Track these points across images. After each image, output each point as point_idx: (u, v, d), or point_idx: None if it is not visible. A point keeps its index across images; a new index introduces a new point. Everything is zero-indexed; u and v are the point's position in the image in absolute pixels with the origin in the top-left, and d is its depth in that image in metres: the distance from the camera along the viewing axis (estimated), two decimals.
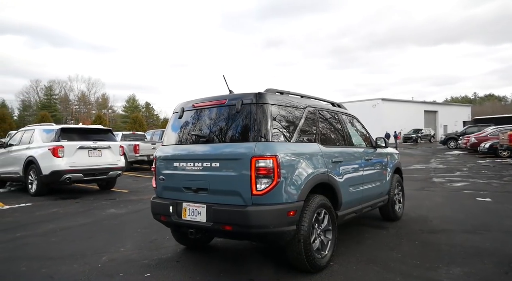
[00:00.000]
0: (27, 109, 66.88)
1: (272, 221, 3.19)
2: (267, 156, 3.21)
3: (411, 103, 46.00)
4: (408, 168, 14.99)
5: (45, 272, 3.70)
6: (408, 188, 9.28)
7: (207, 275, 3.58)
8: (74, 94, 67.55)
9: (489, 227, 5.29)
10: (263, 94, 3.55)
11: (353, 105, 43.44)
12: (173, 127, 4.09)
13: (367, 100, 42.95)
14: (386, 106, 41.18)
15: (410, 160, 19.11)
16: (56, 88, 67.04)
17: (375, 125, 39.73)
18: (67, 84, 67.07)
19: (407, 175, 12.39)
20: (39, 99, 66.62)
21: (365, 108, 41.59)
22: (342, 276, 3.50)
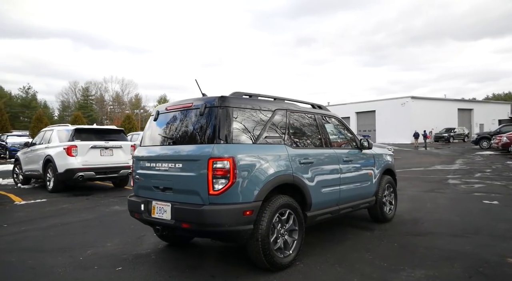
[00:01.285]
0: (66, 109, 70.53)
1: (227, 220, 3.32)
2: (224, 157, 3.34)
3: (444, 101, 44.23)
4: (427, 169, 14.57)
5: (30, 263, 4.03)
6: (417, 190, 9.11)
7: (173, 270, 3.76)
8: (109, 95, 70.47)
9: (480, 230, 5.13)
10: (225, 97, 3.68)
11: (381, 103, 42.52)
12: (149, 129, 4.31)
13: (396, 98, 41.77)
14: (416, 105, 39.86)
15: (434, 160, 18.51)
16: (92, 89, 70.27)
17: (404, 124, 38.70)
18: (102, 85, 70.09)
19: (423, 176, 12.13)
20: (77, 100, 70.03)
21: (393, 106, 40.56)
22: (301, 275, 3.57)
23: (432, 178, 11.58)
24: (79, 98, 69.72)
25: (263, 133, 3.82)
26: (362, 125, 44.60)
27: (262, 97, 4.20)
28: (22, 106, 64.56)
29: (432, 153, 23.99)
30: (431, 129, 39.21)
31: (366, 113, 44.02)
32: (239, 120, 3.66)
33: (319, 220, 4.35)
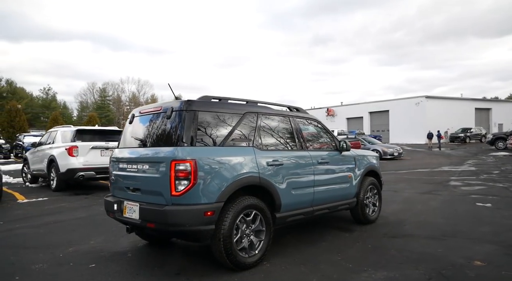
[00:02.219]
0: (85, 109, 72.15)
1: (188, 220, 3.45)
2: (186, 160, 3.47)
3: (460, 101, 43.21)
4: (433, 170, 14.37)
5: (12, 259, 4.25)
6: (413, 191, 9.03)
7: (142, 268, 3.92)
8: (126, 95, 71.75)
9: (459, 233, 5.10)
10: (191, 101, 3.81)
11: (395, 103, 41.87)
12: (125, 132, 4.48)
13: (409, 98, 41.08)
14: (431, 104, 39.09)
15: (443, 161, 18.20)
16: (109, 90, 71.71)
17: (418, 124, 38.04)
18: (119, 86, 71.39)
19: (425, 178, 11.98)
20: (94, 100, 71.62)
21: (407, 106, 39.91)
22: (263, 275, 3.66)
23: (434, 180, 11.43)
24: (96, 99, 71.28)
25: (230, 136, 3.93)
26: (376, 125, 44.04)
27: (233, 100, 4.31)
28: (43, 107, 66.47)
29: (444, 154, 23.54)
30: (446, 129, 38.40)
31: (379, 113, 43.45)
32: (205, 124, 3.78)
33: (290, 221, 4.42)
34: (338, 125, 43.83)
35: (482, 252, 4.26)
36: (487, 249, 4.37)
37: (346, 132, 31.26)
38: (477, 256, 4.10)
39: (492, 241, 4.70)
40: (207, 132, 3.78)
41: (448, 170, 14.42)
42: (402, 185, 10.24)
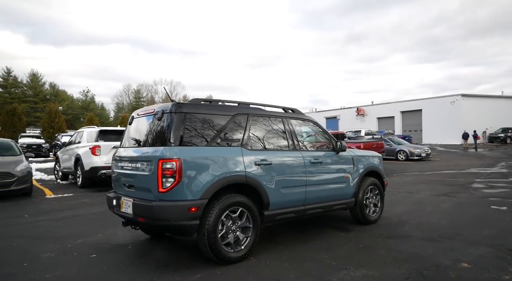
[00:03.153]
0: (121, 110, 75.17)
1: (173, 215, 3.69)
2: (172, 159, 3.71)
3: (500, 99, 41.01)
4: (460, 172, 13.88)
5: (25, 248, 4.69)
6: (429, 193, 8.84)
7: (137, 260, 4.21)
8: (159, 97, 73.99)
9: (458, 235, 5.02)
10: (181, 104, 4.05)
11: (429, 102, 40.41)
12: (126, 132, 4.80)
13: (444, 96, 39.51)
14: (467, 103, 37.41)
15: (474, 163, 17.47)
16: (143, 91, 74.30)
17: (453, 124, 36.51)
18: (152, 88, 73.84)
19: (448, 179, 11.64)
20: (129, 102, 74.45)
21: (442, 105, 38.44)
22: (245, 269, 3.84)
23: (457, 181, 11.07)
24: (131, 100, 74.05)
25: (218, 137, 4.13)
26: (408, 125, 42.71)
27: (225, 102, 4.51)
28: (82, 108, 69.92)
29: (478, 155, 22.53)
30: (484, 129, 36.63)
31: (411, 113, 42.10)
32: (193, 125, 4.01)
33: (280, 219, 4.56)
34: (368, 125, 42.96)
35: (473, 255, 4.20)
36: (481, 252, 4.30)
37: (373, 132, 30.59)
38: (466, 258, 4.06)
39: (489, 244, 4.60)
40: (195, 133, 4.01)
41: (476, 172, 13.87)
42: (420, 187, 10.03)
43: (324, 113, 54.10)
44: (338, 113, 51.75)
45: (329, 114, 52.99)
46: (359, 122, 46.17)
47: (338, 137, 18.16)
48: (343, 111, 51.14)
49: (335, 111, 52.87)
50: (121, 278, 3.65)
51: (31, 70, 64.10)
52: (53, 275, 3.71)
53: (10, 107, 30.11)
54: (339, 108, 53.09)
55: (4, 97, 57.76)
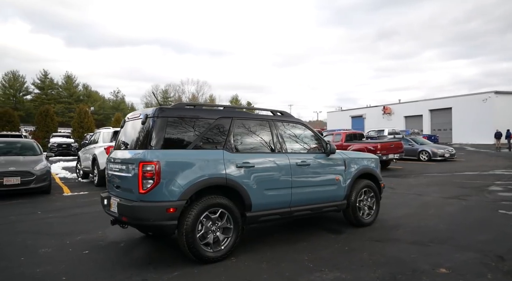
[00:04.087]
0: None
1: (152, 215, 3.86)
2: (151, 161, 3.89)
3: None
4: (481, 174, 13.34)
5: (28, 243, 5.02)
6: (439, 195, 8.62)
7: (124, 257, 4.43)
8: (186, 96, 75.36)
9: (450, 240, 4.91)
10: (163, 109, 4.23)
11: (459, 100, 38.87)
12: (119, 135, 5.04)
13: (476, 94, 37.89)
14: (501, 100, 35.69)
15: (501, 164, 16.72)
16: (171, 91, 75.95)
17: (485, 123, 34.95)
18: (179, 87, 75.35)
19: (465, 181, 11.27)
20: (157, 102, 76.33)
21: (473, 103, 36.90)
22: (223, 268, 3.96)
23: (474, 184, 10.68)
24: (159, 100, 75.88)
25: (199, 140, 4.27)
26: (436, 124, 41.29)
27: (209, 106, 4.64)
28: (113, 108, 72.40)
29: (508, 156, 21.51)
30: None
31: (441, 111, 40.68)
32: (175, 129, 4.17)
33: (263, 220, 4.65)
34: (395, 124, 41.90)
35: (457, 260, 4.12)
36: (466, 257, 4.20)
37: (397, 131, 29.82)
38: (448, 264, 3.99)
39: (479, 249, 4.48)
40: (176, 136, 4.17)
41: (499, 173, 13.29)
42: (432, 189, 9.77)
43: (349, 112, 53.28)
44: (364, 111, 50.80)
45: (354, 113, 52.12)
46: (386, 121, 45.13)
47: (356, 137, 17.91)
48: (369, 109, 50.16)
49: (360, 110, 51.94)
50: (103, 274, 3.86)
51: (66, 72, 67.17)
52: (43, 270, 3.98)
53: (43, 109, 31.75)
54: (365, 106, 52.10)
55: (42, 98, 60.85)
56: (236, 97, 76.03)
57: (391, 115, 45.94)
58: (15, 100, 60.96)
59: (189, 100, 75.22)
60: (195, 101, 75.08)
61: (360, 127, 45.81)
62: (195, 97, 75.10)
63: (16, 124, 28.99)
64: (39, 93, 63.08)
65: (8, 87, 61.06)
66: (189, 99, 75.15)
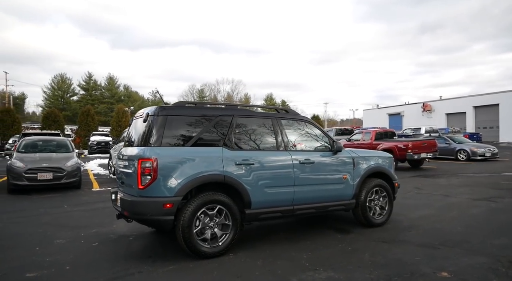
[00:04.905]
0: None
1: (149, 210, 3.99)
2: (149, 158, 4.01)
3: None
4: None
5: (47, 234, 5.35)
6: (467, 197, 8.18)
7: (127, 250, 4.62)
8: (221, 95, 76.55)
9: (463, 244, 4.66)
10: (164, 107, 4.35)
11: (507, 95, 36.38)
12: (127, 133, 5.23)
13: None
14: None
15: None
16: (206, 91, 77.38)
17: None
18: (215, 87, 76.62)
19: (503, 182, 10.56)
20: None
21: None
22: (217, 264, 4.01)
23: (511, 185, 9.99)
24: (195, 99, 77.61)
25: (198, 137, 4.34)
26: (481, 122, 38.94)
27: (211, 105, 4.70)
28: None
29: None
30: None
31: (486, 108, 38.32)
32: (174, 126, 4.27)
33: (264, 218, 4.64)
34: (435, 122, 40.04)
35: (464, 264, 3.90)
36: (474, 262, 3.97)
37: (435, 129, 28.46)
38: (452, 268, 3.79)
39: (492, 254, 4.22)
40: (176, 134, 4.27)
41: None
42: (462, 190, 9.26)
43: (386, 110, 51.60)
44: (402, 109, 48.96)
45: (392, 111, 50.41)
46: (425, 118, 43.23)
47: (387, 135, 17.34)
48: (407, 107, 48.29)
49: (398, 107, 50.13)
50: (104, 265, 4.04)
51: (108, 74, 70.43)
52: (52, 259, 4.24)
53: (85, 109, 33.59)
54: (403, 103, 50.23)
55: (86, 99, 64.29)
56: (270, 96, 76.19)
57: (431, 112, 43.93)
58: (63, 101, 64.79)
59: (224, 99, 76.26)
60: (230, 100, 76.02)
61: (398, 125, 44.25)
62: (230, 96, 76.06)
63: (61, 124, 30.84)
64: (84, 94, 66.65)
65: (56, 89, 65.02)
66: (224, 98, 76.21)
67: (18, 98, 64.86)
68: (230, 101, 75.28)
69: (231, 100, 75.82)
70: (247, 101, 76.32)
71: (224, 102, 9.13)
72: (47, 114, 31.93)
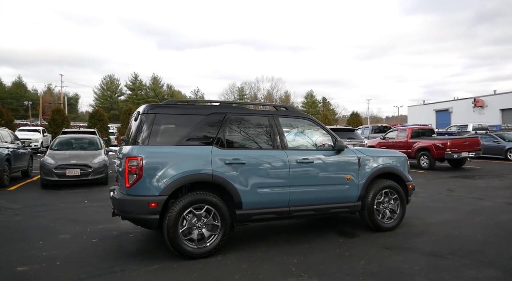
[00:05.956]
0: None
1: (134, 209, 4.00)
2: (136, 156, 4.01)
3: None
4: None
5: (57, 229, 5.56)
6: (503, 201, 7.48)
7: (121, 247, 4.68)
8: (261, 93, 76.65)
9: (477, 254, 4.21)
10: (153, 105, 4.33)
11: None
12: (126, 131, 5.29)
13: None
14: None
15: None
16: (246, 89, 77.83)
17: None
18: (255, 85, 76.85)
19: None
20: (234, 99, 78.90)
21: None
22: (201, 265, 3.93)
23: None
24: (235, 98, 78.36)
25: (187, 136, 4.27)
26: None
27: (203, 103, 4.61)
28: None
29: None
30: None
31: None
32: (163, 125, 4.24)
33: (257, 219, 4.48)
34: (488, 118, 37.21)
35: (467, 277, 3.52)
36: (481, 275, 3.56)
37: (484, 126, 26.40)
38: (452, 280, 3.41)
39: (505, 267, 3.77)
40: (164, 132, 4.24)
41: None
42: (500, 193, 8.46)
43: (433, 106, 48.82)
44: (451, 105, 46.04)
45: (439, 107, 47.57)
46: (477, 115, 40.33)
47: (424, 133, 16.32)
48: (456, 102, 45.35)
49: (446, 103, 47.21)
50: (93, 261, 4.10)
51: (152, 74, 73.13)
52: (48, 254, 4.37)
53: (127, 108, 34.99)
54: (452, 99, 47.28)
55: (132, 98, 67.22)
56: (311, 93, 75.11)
57: (483, 108, 40.91)
58: (111, 101, 68.32)
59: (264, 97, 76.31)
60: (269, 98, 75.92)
61: (445, 122, 41.68)
62: (269, 94, 75.95)
63: (105, 122, 32.43)
64: (130, 94, 69.76)
65: (105, 89, 68.69)
66: (264, 96, 76.26)
67: (72, 99, 69.36)
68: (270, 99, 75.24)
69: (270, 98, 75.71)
70: (287, 98, 75.83)
71: (229, 100, 8.87)
72: (92, 113, 33.77)
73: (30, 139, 24.22)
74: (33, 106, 55.53)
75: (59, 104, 54.59)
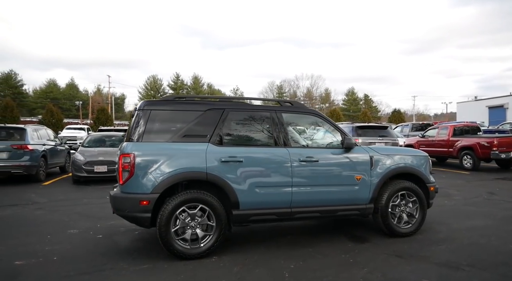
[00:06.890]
0: None
1: (126, 207, 3.94)
2: (128, 153, 3.95)
3: None
4: None
5: (69, 224, 5.68)
6: None
7: (120, 245, 4.66)
8: (300, 91, 75.75)
9: (497, 267, 3.72)
10: (149, 101, 4.25)
11: None
12: None
13: None
14: None
15: None
16: (286, 87, 77.23)
17: None
18: (294, 83, 76.07)
19: None
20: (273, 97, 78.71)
21: None
22: (192, 266, 3.78)
23: None
24: (275, 96, 78.08)
25: (183, 133, 4.14)
26: None
27: (202, 99, 4.46)
28: None
29: None
30: None
31: None
32: (158, 121, 4.14)
33: (255, 220, 4.26)
34: None
35: None
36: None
37: None
38: None
39: None
40: (159, 129, 4.14)
41: None
42: None
43: (485, 102, 45.47)
44: (506, 101, 42.57)
45: (493, 103, 44.21)
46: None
47: (469, 131, 15.12)
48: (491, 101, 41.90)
49: (501, 99, 43.73)
50: (88, 258, 4.09)
51: (193, 73, 74.83)
52: (50, 248, 4.44)
53: None
54: (508, 94, 43.76)
55: None
56: (352, 90, 73.01)
57: None
58: None
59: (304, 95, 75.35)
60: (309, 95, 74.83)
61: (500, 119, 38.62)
62: (309, 91, 74.87)
63: None
64: (172, 93, 71.90)
65: (149, 89, 71.28)
66: (304, 93, 75.31)
67: (119, 99, 72.78)
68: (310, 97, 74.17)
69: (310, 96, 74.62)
70: (327, 96, 74.37)
71: (234, 96, 8.66)
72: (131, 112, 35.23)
73: (75, 136, 25.69)
74: (83, 105, 58.94)
75: (107, 104, 57.49)
